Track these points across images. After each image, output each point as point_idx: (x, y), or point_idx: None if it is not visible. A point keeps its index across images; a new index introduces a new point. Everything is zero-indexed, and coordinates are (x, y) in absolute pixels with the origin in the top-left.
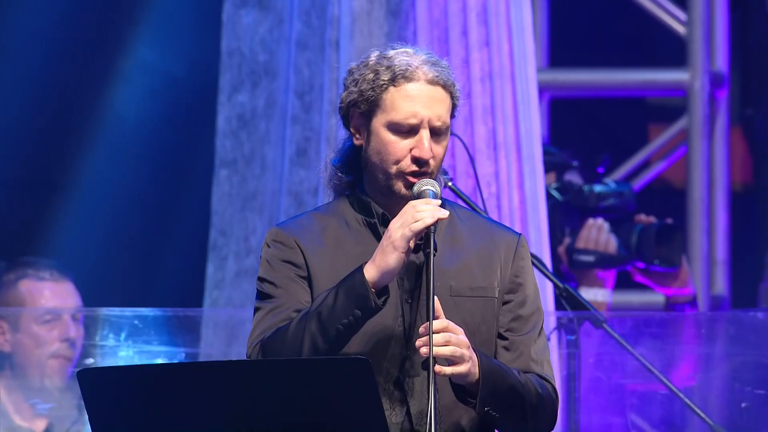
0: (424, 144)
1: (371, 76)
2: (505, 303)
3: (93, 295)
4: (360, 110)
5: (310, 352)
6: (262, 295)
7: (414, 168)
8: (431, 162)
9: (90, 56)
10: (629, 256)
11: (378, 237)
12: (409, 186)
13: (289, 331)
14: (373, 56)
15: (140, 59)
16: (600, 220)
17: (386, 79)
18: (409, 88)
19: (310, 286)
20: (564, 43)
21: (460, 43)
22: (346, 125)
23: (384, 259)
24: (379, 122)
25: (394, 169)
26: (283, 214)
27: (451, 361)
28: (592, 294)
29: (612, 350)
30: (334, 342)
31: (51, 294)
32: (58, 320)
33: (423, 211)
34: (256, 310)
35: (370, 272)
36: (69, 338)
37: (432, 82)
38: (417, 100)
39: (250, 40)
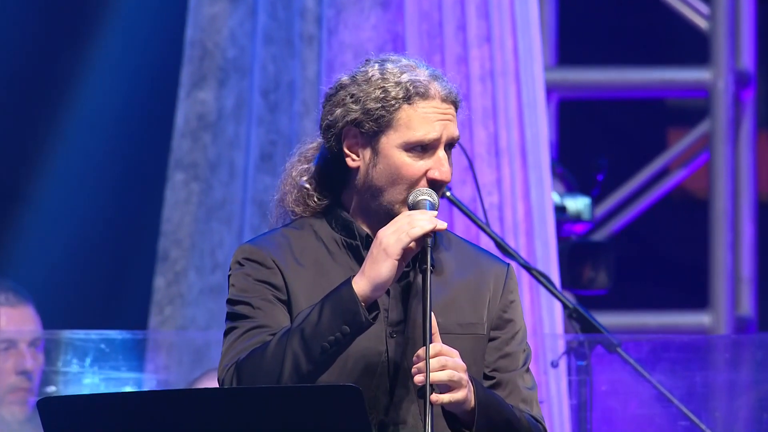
0: (443, 165)
1: (378, 93)
2: (491, 340)
3: (54, 316)
4: (362, 130)
5: (292, 374)
6: (234, 317)
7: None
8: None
9: (49, 64)
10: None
11: (360, 261)
12: None
13: (267, 351)
14: (373, 71)
15: (104, 64)
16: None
17: (399, 97)
18: (426, 105)
19: (290, 311)
20: (574, 38)
21: (456, 39)
22: (335, 144)
23: (375, 269)
24: (390, 143)
25: (406, 193)
26: (247, 224)
27: (446, 387)
28: None
29: (627, 377)
30: (318, 362)
31: (6, 321)
32: (13, 349)
33: (420, 219)
34: (228, 331)
35: (360, 285)
36: (25, 370)
37: (445, 99)
38: (435, 118)
39: (216, 33)
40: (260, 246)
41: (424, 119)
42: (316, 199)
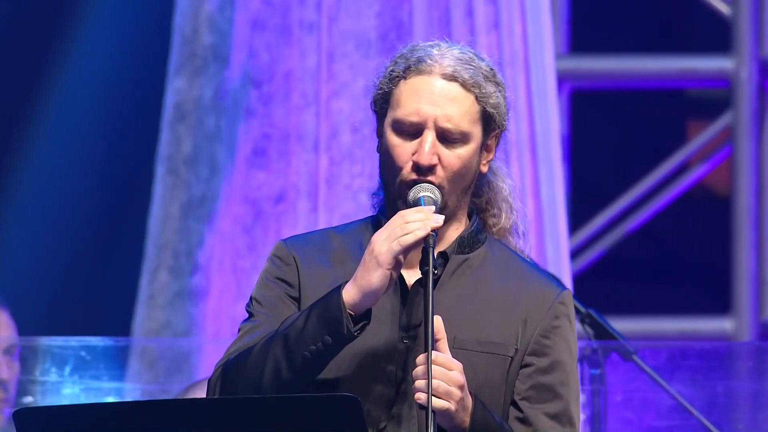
0: (424, 147)
1: (390, 68)
2: (524, 366)
3: (32, 321)
4: (376, 109)
5: (272, 381)
6: (248, 315)
7: (414, 176)
8: (438, 171)
9: (28, 55)
10: None
11: None
12: None
13: (252, 355)
14: (405, 48)
15: (88, 55)
16: None
17: (399, 71)
18: (417, 81)
19: (300, 308)
20: (587, 24)
21: (465, 24)
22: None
23: (365, 278)
24: (387, 122)
25: (396, 180)
26: (238, 224)
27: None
28: None
29: (644, 386)
30: (300, 371)
31: None
32: None
33: (414, 222)
34: (239, 330)
35: (349, 292)
36: (1, 380)
37: (448, 77)
38: (423, 95)
39: (193, 18)
40: (289, 243)
41: (412, 95)
42: (372, 195)
